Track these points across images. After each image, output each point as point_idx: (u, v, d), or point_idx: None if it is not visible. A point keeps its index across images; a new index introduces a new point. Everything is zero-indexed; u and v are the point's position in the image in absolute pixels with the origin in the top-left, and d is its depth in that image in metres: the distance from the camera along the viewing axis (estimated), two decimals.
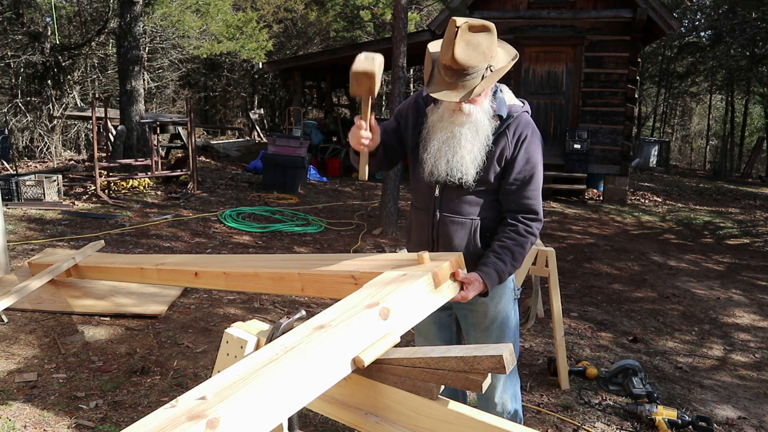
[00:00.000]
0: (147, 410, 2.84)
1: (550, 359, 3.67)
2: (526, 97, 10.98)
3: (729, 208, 11.24)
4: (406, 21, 6.99)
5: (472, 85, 1.86)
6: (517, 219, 2.05)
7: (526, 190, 2.04)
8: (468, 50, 1.81)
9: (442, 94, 1.88)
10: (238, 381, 1.14)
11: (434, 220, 2.12)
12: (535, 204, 2.06)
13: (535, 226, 2.06)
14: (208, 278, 2.58)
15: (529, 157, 2.04)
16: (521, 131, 2.03)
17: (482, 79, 1.86)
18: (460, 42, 1.80)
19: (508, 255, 2.00)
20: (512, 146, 2.03)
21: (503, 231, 2.05)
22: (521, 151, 2.03)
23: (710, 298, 5.64)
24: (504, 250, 2.01)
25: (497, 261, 1.98)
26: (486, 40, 1.83)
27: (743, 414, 3.36)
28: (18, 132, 13.55)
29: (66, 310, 3.99)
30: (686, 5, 18.81)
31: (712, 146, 27.15)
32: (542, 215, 2.09)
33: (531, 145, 2.04)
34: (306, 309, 2.72)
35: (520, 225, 2.04)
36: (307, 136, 12.13)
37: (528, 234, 2.04)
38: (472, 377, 1.33)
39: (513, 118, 2.04)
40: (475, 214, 2.09)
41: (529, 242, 2.05)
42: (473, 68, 1.84)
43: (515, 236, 2.02)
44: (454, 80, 1.86)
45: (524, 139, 2.03)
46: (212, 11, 13.77)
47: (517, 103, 2.09)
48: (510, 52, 1.94)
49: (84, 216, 6.93)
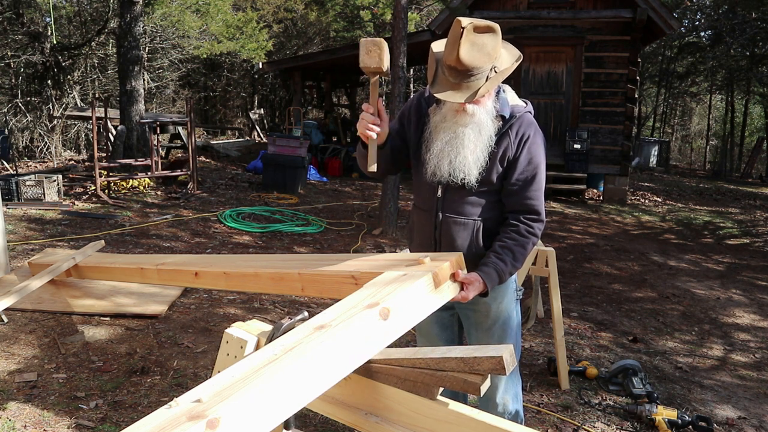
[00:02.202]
0: (147, 410, 2.84)
1: (550, 359, 3.67)
2: (526, 97, 10.98)
3: (729, 208, 11.24)
4: (406, 21, 6.99)
5: (476, 86, 1.86)
6: (519, 219, 2.04)
7: (528, 190, 2.04)
8: (473, 51, 1.81)
9: (446, 94, 1.87)
10: (239, 381, 1.14)
11: (437, 221, 2.12)
12: (537, 204, 2.06)
13: (537, 226, 2.06)
14: (208, 278, 2.58)
15: (531, 158, 2.03)
16: (524, 131, 2.03)
17: (486, 80, 1.86)
18: (465, 43, 1.80)
19: (509, 255, 2.00)
20: (515, 146, 2.02)
21: (505, 231, 2.05)
22: (524, 151, 2.02)
23: (710, 298, 5.64)
24: (505, 250, 2.00)
25: (498, 261, 1.98)
26: (491, 41, 1.83)
27: (743, 414, 3.36)
28: (18, 132, 13.55)
29: (66, 310, 3.99)
30: (686, 5, 18.81)
31: (712, 146, 27.15)
32: (544, 216, 2.09)
33: (534, 146, 2.04)
34: (306, 309, 2.72)
35: (522, 225, 2.03)
36: (307, 136, 12.13)
37: (529, 234, 2.03)
38: (471, 380, 1.33)
39: (516, 119, 2.03)
40: (478, 215, 2.08)
41: (530, 242, 2.04)
42: (478, 69, 1.83)
43: (516, 236, 2.02)
44: (458, 81, 1.85)
45: (527, 139, 2.03)
46: (212, 11, 13.77)
47: (520, 104, 2.09)
48: (514, 53, 1.93)
49: (84, 216, 6.93)
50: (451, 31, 1.84)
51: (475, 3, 10.50)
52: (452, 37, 1.83)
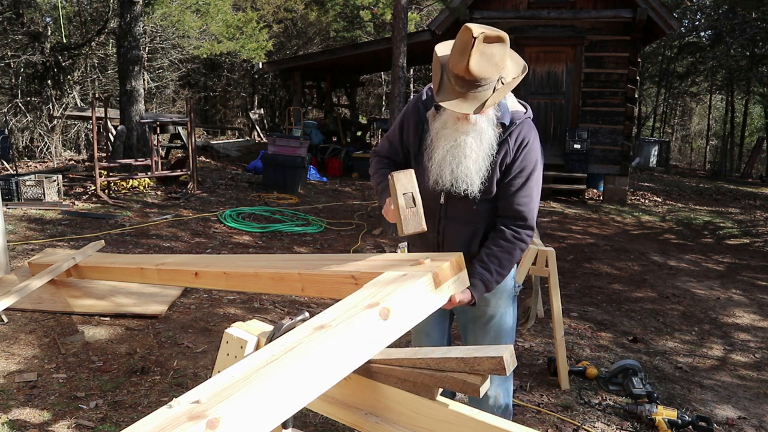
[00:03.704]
0: (147, 410, 2.84)
1: (550, 359, 3.67)
2: (526, 97, 10.99)
3: (729, 208, 11.25)
4: (406, 21, 6.99)
5: (483, 96, 1.83)
6: (506, 225, 2.05)
7: (519, 196, 2.04)
8: (482, 62, 1.78)
9: (453, 104, 1.85)
10: (239, 381, 1.14)
11: (439, 227, 2.13)
12: (526, 211, 2.05)
13: (525, 233, 2.05)
14: (208, 278, 2.58)
15: (526, 165, 2.03)
16: (523, 137, 2.02)
17: (494, 91, 1.84)
18: (475, 53, 1.76)
19: (495, 263, 2.01)
20: (513, 152, 2.02)
21: (491, 238, 2.06)
22: (520, 157, 2.02)
23: (710, 298, 5.64)
24: (491, 258, 2.02)
25: (483, 272, 1.99)
26: (500, 51, 1.80)
27: (743, 414, 3.36)
28: (18, 132, 13.55)
29: (66, 310, 3.99)
30: (686, 5, 18.81)
31: (712, 146, 27.16)
32: (534, 222, 2.08)
33: (531, 153, 2.03)
34: (306, 309, 2.72)
35: (508, 231, 2.04)
36: (307, 136, 12.13)
37: (516, 240, 2.03)
38: (471, 381, 1.33)
39: (516, 126, 2.03)
40: (480, 221, 2.09)
41: (517, 248, 2.04)
42: (486, 80, 1.81)
43: (502, 243, 2.03)
44: (465, 90, 1.83)
45: (525, 145, 2.02)
46: (212, 11, 13.77)
47: (520, 109, 2.08)
48: (519, 63, 1.91)
49: (84, 216, 6.93)
50: (460, 38, 1.80)
51: (475, 3, 10.48)
52: (461, 45, 1.79)
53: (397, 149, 2.18)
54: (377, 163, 2.24)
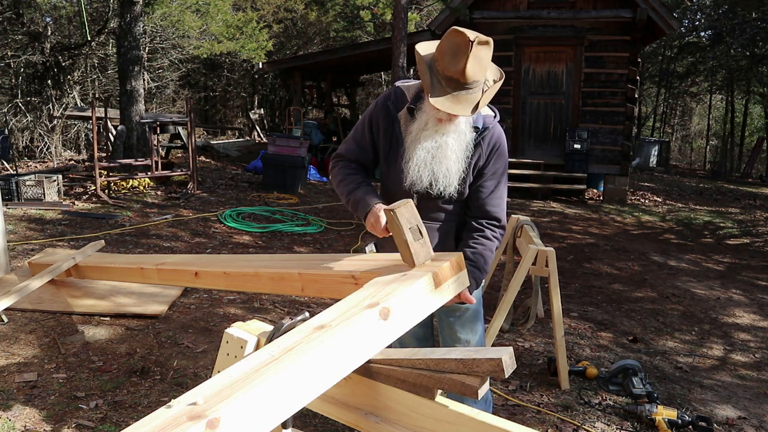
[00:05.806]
0: (147, 410, 2.84)
1: (550, 359, 3.67)
2: (526, 97, 11.01)
3: (729, 208, 11.25)
4: (406, 21, 6.99)
5: (474, 98, 1.88)
6: (483, 225, 2.13)
7: (493, 198, 2.12)
8: (475, 65, 1.83)
9: (448, 105, 1.87)
10: (239, 381, 1.14)
11: None
12: (499, 212, 2.14)
13: (499, 232, 2.16)
14: (209, 278, 2.58)
15: (498, 168, 2.11)
16: (495, 142, 2.10)
17: (483, 92, 1.89)
18: (472, 57, 1.81)
19: (481, 260, 2.10)
20: (486, 155, 2.09)
21: (472, 237, 2.13)
22: (492, 160, 2.10)
23: (710, 298, 5.64)
24: (477, 256, 2.09)
25: (474, 270, 2.07)
26: (487, 54, 1.86)
27: (743, 414, 3.36)
28: (18, 132, 13.55)
29: (66, 310, 3.99)
30: (686, 5, 18.82)
31: (712, 146, 27.17)
32: (505, 223, 2.19)
33: (502, 157, 2.12)
34: (306, 309, 2.71)
35: (487, 230, 2.12)
36: (307, 136, 12.12)
37: (495, 239, 2.14)
38: (469, 382, 1.33)
39: (488, 129, 2.09)
40: (452, 220, 2.18)
41: (495, 247, 2.15)
42: (476, 82, 1.87)
43: (485, 241, 2.11)
44: (457, 92, 1.86)
45: (497, 149, 2.10)
46: (212, 11, 13.76)
47: (490, 113, 2.13)
48: (494, 66, 1.98)
49: (84, 216, 6.94)
50: (452, 41, 1.83)
51: (475, 3, 10.49)
52: (454, 48, 1.82)
53: (367, 150, 2.18)
54: (344, 168, 2.18)
